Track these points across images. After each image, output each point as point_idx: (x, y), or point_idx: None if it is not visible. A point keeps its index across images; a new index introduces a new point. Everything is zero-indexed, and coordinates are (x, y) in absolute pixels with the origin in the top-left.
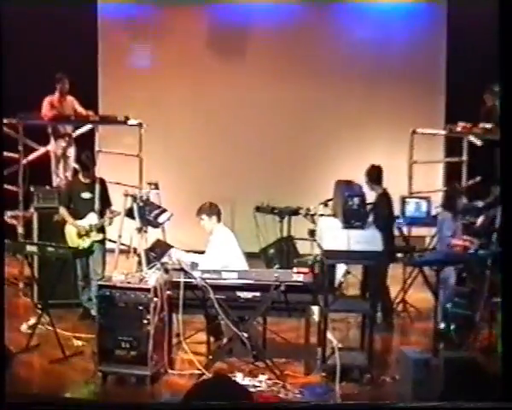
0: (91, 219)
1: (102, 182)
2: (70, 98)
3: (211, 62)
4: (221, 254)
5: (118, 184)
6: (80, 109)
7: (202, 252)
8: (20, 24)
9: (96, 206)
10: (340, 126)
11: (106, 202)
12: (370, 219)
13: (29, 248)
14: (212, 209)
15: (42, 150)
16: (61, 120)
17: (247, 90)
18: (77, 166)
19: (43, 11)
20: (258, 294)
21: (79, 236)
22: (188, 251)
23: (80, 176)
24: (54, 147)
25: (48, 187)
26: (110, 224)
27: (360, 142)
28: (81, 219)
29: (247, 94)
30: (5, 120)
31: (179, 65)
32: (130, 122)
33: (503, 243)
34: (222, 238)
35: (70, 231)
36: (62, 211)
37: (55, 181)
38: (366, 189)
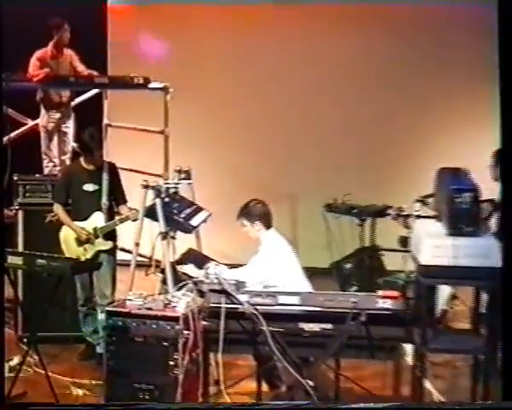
0: (97, 220)
1: (113, 169)
2: (68, 52)
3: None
4: (269, 270)
5: (134, 171)
6: (82, 68)
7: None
8: None
9: (104, 202)
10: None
11: (118, 196)
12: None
13: (11, 259)
14: (255, 211)
15: (29, 125)
16: (55, 83)
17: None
18: (77, 147)
19: None
20: (328, 326)
21: (80, 243)
22: (231, 266)
23: (82, 160)
24: (45, 120)
25: (37, 176)
26: (122, 222)
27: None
28: (83, 220)
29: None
30: None
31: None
32: (151, 85)
33: (504, 242)
34: (271, 250)
35: (67, 237)
36: (57, 209)
37: (47, 168)
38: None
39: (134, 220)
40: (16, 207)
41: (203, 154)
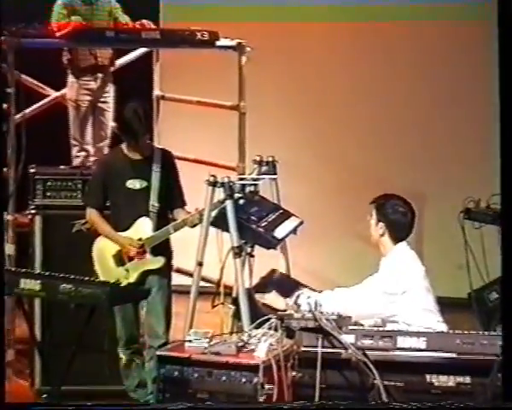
0: (143, 227)
1: (167, 158)
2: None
3: None
4: (392, 298)
5: (197, 162)
6: (125, 18)
7: None
8: None
9: (154, 203)
10: None
11: (173, 196)
12: None
13: (25, 283)
14: (388, 212)
15: (51, 97)
16: (88, 38)
17: None
18: (116, 129)
19: None
20: (467, 379)
21: (121, 261)
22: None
23: (124, 148)
24: (74, 91)
25: (63, 168)
26: (177, 230)
27: None
28: (125, 229)
29: None
30: None
31: None
32: (220, 43)
33: (504, 243)
34: (398, 270)
35: (104, 253)
36: (90, 214)
37: (78, 158)
38: None
39: (193, 226)
40: (32, 212)
41: (294, 139)
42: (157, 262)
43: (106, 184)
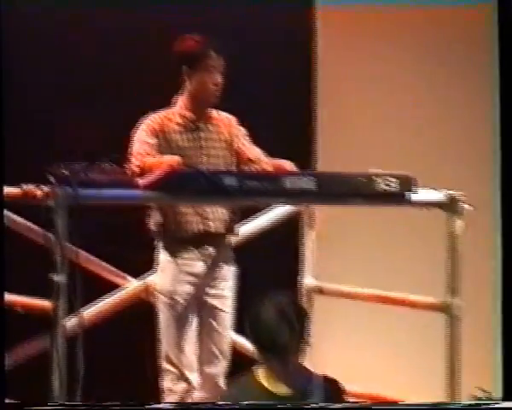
0: None
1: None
2: (223, 117)
3: None
4: None
5: None
6: (256, 153)
7: None
8: None
9: None
10: None
11: None
12: None
13: None
14: None
15: (129, 288)
16: (192, 190)
17: None
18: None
19: None
20: None
21: None
22: None
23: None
24: (168, 278)
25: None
26: None
27: None
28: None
29: None
30: None
31: None
32: (420, 196)
33: (504, 242)
34: None
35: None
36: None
37: (170, 391)
38: None
39: None
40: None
41: None
42: None
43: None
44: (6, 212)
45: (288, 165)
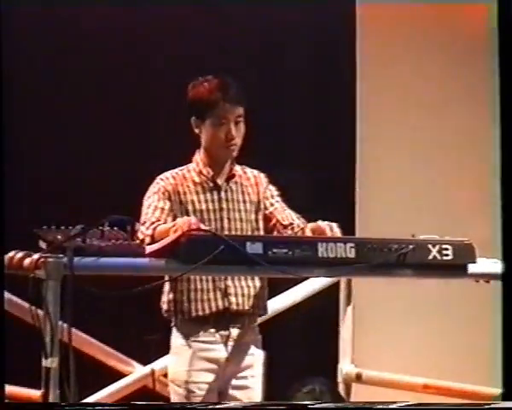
0: None
1: None
2: (251, 175)
3: None
4: None
5: None
6: (286, 214)
7: None
8: None
9: None
10: None
11: None
12: None
13: None
14: None
15: (135, 376)
16: (215, 259)
17: None
18: None
19: None
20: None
21: None
22: None
23: None
24: (182, 367)
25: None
26: None
27: None
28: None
29: None
30: None
31: None
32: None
33: (504, 242)
34: None
35: None
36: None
37: None
38: None
39: None
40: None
41: None
42: None
43: None
44: None
45: (330, 228)
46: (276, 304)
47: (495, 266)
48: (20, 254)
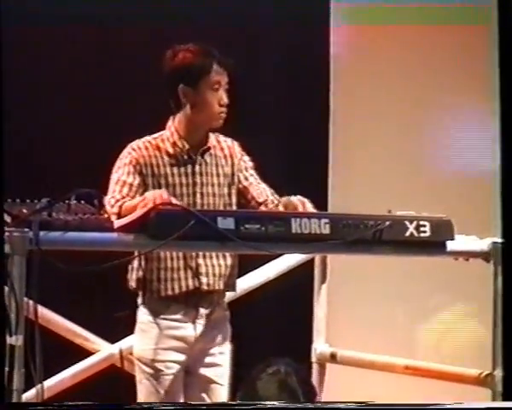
0: None
1: None
2: (225, 145)
3: None
4: None
5: None
6: (260, 190)
7: None
8: None
9: None
10: None
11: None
12: None
13: None
14: None
15: (102, 356)
16: (182, 234)
17: None
18: None
19: None
20: None
21: None
22: None
23: None
24: (148, 345)
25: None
26: None
27: None
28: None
29: None
30: None
31: None
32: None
33: (505, 241)
34: None
35: None
36: None
37: None
38: None
39: None
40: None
41: None
42: None
43: None
44: None
45: (302, 204)
46: (249, 282)
47: (474, 243)
48: None
